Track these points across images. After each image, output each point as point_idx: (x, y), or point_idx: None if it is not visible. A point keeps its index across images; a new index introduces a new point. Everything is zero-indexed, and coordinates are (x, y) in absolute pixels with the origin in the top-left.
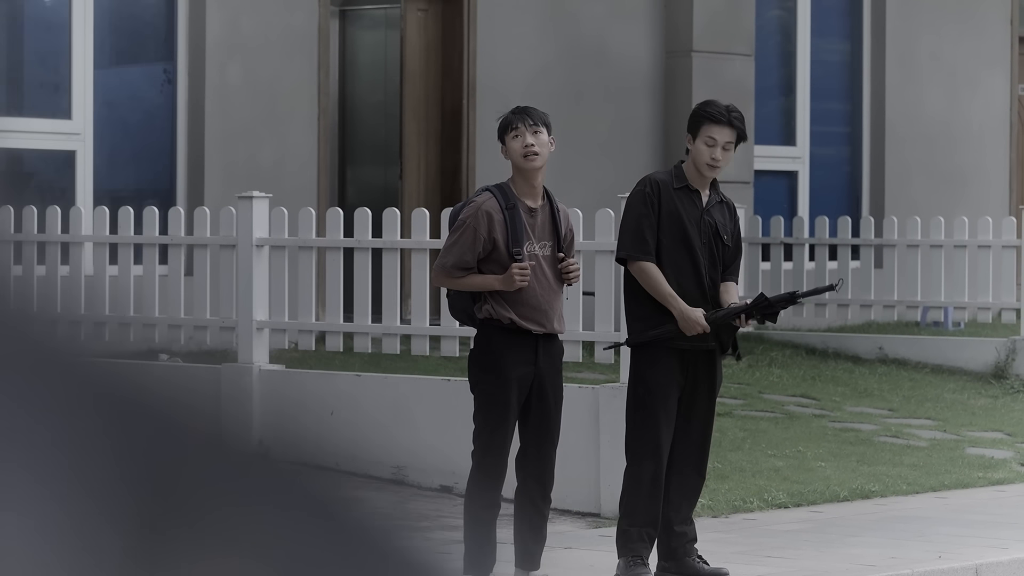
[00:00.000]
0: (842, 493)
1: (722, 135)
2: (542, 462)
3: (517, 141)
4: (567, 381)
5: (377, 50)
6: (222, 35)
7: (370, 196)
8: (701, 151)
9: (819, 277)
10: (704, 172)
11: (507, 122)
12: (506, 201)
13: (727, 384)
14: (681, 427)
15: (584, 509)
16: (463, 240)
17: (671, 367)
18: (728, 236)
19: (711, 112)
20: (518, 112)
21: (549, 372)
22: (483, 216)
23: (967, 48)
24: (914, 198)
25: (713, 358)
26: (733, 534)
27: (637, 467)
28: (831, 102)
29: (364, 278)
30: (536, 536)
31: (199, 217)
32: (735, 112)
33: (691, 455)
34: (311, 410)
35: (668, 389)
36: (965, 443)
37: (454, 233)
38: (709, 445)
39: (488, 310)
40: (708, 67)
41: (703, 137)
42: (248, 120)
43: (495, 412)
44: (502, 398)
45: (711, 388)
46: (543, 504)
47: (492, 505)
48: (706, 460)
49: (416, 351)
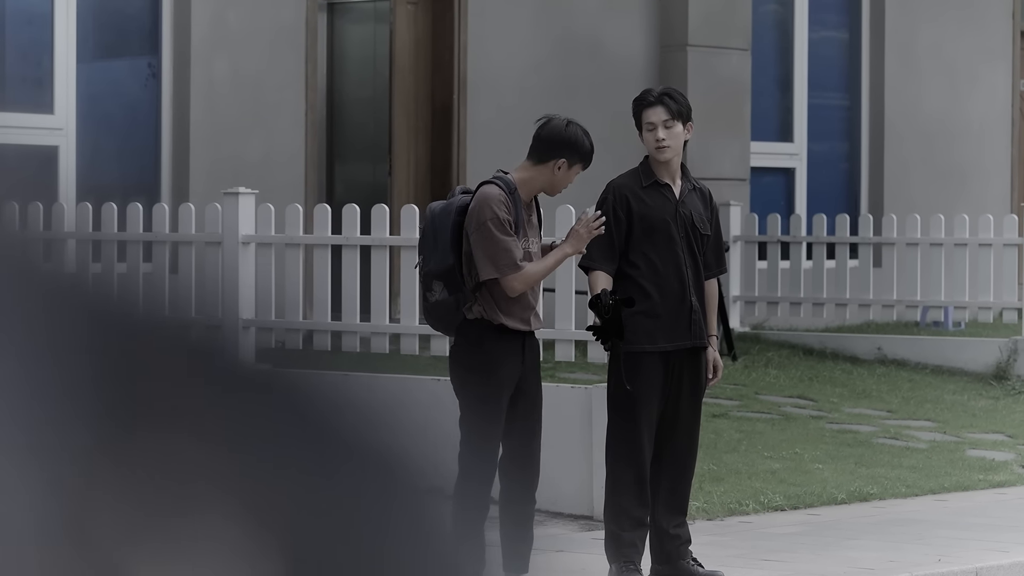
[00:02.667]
0: (840, 495)
1: (656, 115)
2: (528, 462)
3: (568, 176)
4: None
5: (366, 44)
6: (208, 29)
7: (358, 192)
8: (647, 140)
9: (817, 276)
10: (657, 157)
11: (580, 158)
12: (508, 187)
13: (723, 385)
14: (667, 429)
15: (576, 511)
16: (507, 230)
17: (653, 370)
18: (705, 225)
19: (641, 98)
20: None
21: (532, 370)
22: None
23: (968, 42)
24: (914, 195)
25: (698, 358)
26: (729, 537)
27: (620, 471)
28: (829, 97)
29: (352, 276)
30: (524, 537)
31: (184, 214)
32: (667, 90)
33: (679, 457)
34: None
35: (650, 392)
36: (965, 445)
37: (499, 235)
38: (696, 446)
39: (479, 311)
40: (704, 62)
41: (643, 125)
42: (234, 115)
43: (487, 413)
44: (494, 398)
45: (695, 389)
46: (530, 505)
47: (483, 507)
48: (694, 461)
49: (405, 350)
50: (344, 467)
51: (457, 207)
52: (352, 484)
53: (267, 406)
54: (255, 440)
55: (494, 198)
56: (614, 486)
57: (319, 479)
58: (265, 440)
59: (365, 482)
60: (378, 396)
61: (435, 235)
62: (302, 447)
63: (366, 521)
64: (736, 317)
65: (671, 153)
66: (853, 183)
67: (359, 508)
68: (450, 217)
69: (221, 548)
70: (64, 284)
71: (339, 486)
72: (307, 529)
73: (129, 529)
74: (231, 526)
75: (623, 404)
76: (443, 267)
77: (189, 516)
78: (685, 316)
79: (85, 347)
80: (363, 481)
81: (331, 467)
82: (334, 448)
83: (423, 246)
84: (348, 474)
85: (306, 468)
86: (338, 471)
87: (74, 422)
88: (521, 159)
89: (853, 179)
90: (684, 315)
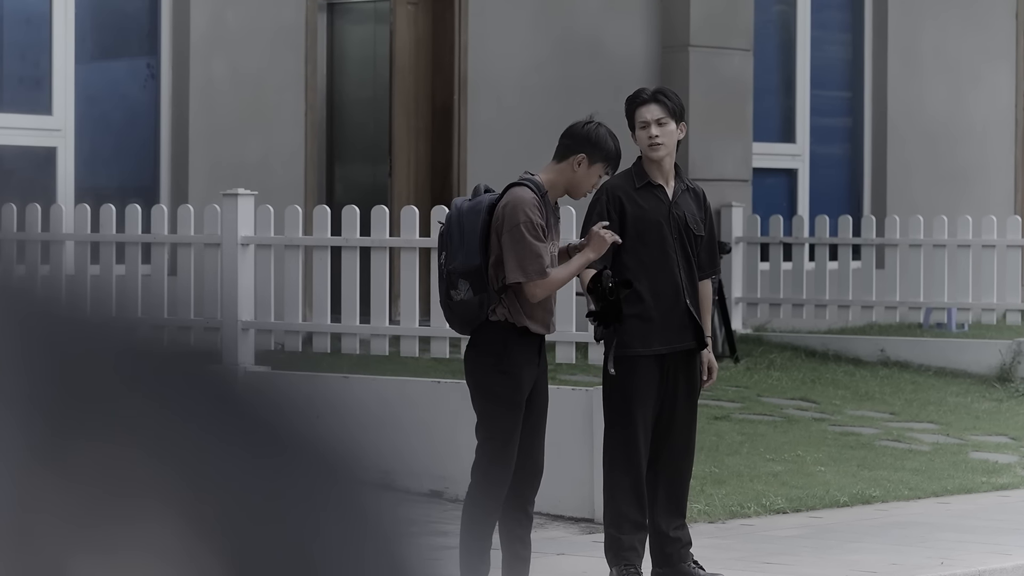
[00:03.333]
0: (842, 498)
1: (650, 112)
2: (533, 466)
3: (595, 178)
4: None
5: (366, 45)
6: (207, 29)
7: (358, 194)
8: (639, 138)
9: (819, 278)
10: (650, 155)
11: (607, 159)
12: (539, 190)
13: (725, 387)
14: (663, 432)
15: (577, 514)
16: (539, 235)
17: (648, 373)
18: (699, 225)
19: (634, 96)
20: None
21: (544, 374)
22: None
23: (971, 42)
24: (917, 196)
25: (692, 359)
26: (730, 540)
27: (617, 475)
28: (832, 98)
29: (352, 278)
30: (524, 542)
31: (183, 215)
32: (660, 89)
33: (676, 459)
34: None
35: (646, 395)
36: (968, 447)
37: (531, 239)
38: (693, 448)
39: (503, 313)
40: (706, 62)
41: (637, 123)
42: (233, 116)
43: (510, 417)
44: (517, 401)
45: (691, 390)
46: (530, 508)
47: (495, 512)
48: (691, 463)
49: (405, 352)
50: (283, 465)
51: (487, 205)
52: (292, 482)
53: (205, 407)
54: (193, 444)
55: (527, 202)
56: (612, 490)
57: (257, 480)
58: (203, 443)
59: (305, 479)
60: (319, 392)
61: (461, 233)
62: (240, 448)
63: (306, 520)
64: (738, 319)
65: (664, 151)
66: (856, 184)
67: (299, 506)
68: (479, 216)
69: (161, 555)
70: (8, 285)
71: (278, 485)
72: (246, 532)
73: (69, 536)
74: (170, 533)
75: (618, 408)
76: (470, 266)
77: (129, 523)
78: (679, 318)
79: (26, 349)
80: (303, 478)
81: (270, 466)
82: (272, 446)
83: (446, 243)
84: (287, 472)
85: (244, 469)
86: (277, 470)
87: (13, 427)
88: (521, 159)
89: (856, 180)
90: (678, 317)
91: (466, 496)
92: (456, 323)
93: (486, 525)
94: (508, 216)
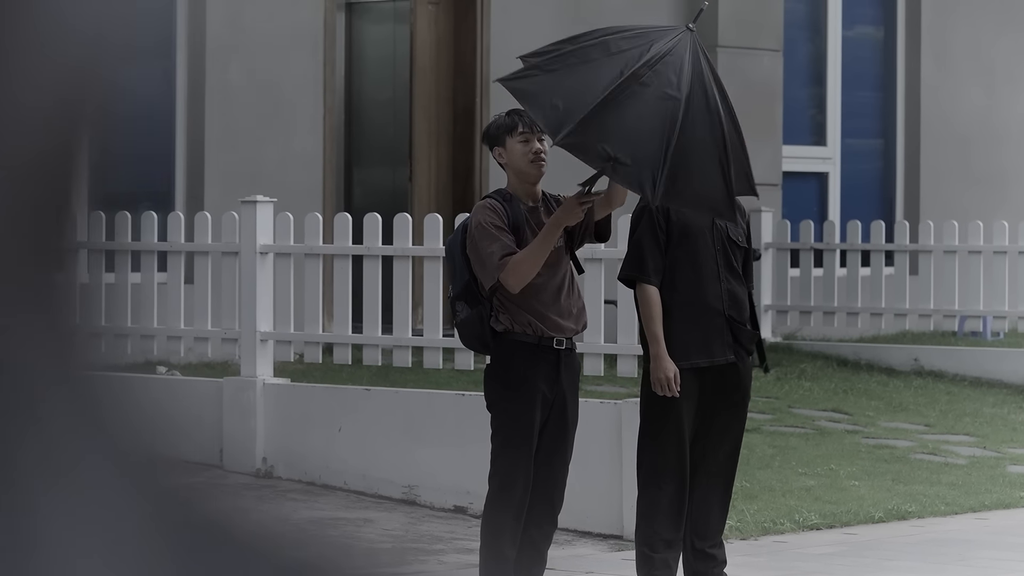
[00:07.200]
0: (877, 514)
1: None
2: (553, 486)
3: (527, 146)
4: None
5: (385, 45)
6: (223, 31)
7: (378, 199)
8: None
9: (851, 284)
10: None
11: (511, 125)
12: (501, 196)
13: (755, 398)
14: (704, 446)
15: (606, 531)
16: (490, 234)
17: (688, 387)
18: (741, 237)
19: None
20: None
21: (570, 390)
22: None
23: (1007, 43)
24: (951, 201)
25: (737, 372)
26: (763, 557)
27: (652, 491)
28: (863, 100)
29: (374, 287)
30: (540, 561)
31: (200, 222)
32: None
33: (716, 475)
34: (318, 426)
35: (685, 409)
36: (1006, 460)
37: (482, 241)
38: (735, 466)
39: (507, 321)
40: (734, 63)
41: None
42: (250, 120)
43: (518, 432)
44: (526, 417)
45: (735, 404)
46: (550, 528)
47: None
48: (732, 479)
49: (428, 364)
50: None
51: (462, 225)
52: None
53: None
54: None
55: (480, 209)
56: (646, 508)
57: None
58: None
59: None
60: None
61: (452, 260)
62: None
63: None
64: (768, 327)
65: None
66: (888, 188)
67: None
68: (458, 237)
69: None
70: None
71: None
72: None
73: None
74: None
75: (656, 422)
76: (461, 286)
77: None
78: (720, 330)
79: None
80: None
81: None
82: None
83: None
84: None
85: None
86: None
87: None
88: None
89: (888, 184)
90: (719, 329)
91: (484, 510)
92: (467, 341)
93: (506, 544)
94: (469, 229)
